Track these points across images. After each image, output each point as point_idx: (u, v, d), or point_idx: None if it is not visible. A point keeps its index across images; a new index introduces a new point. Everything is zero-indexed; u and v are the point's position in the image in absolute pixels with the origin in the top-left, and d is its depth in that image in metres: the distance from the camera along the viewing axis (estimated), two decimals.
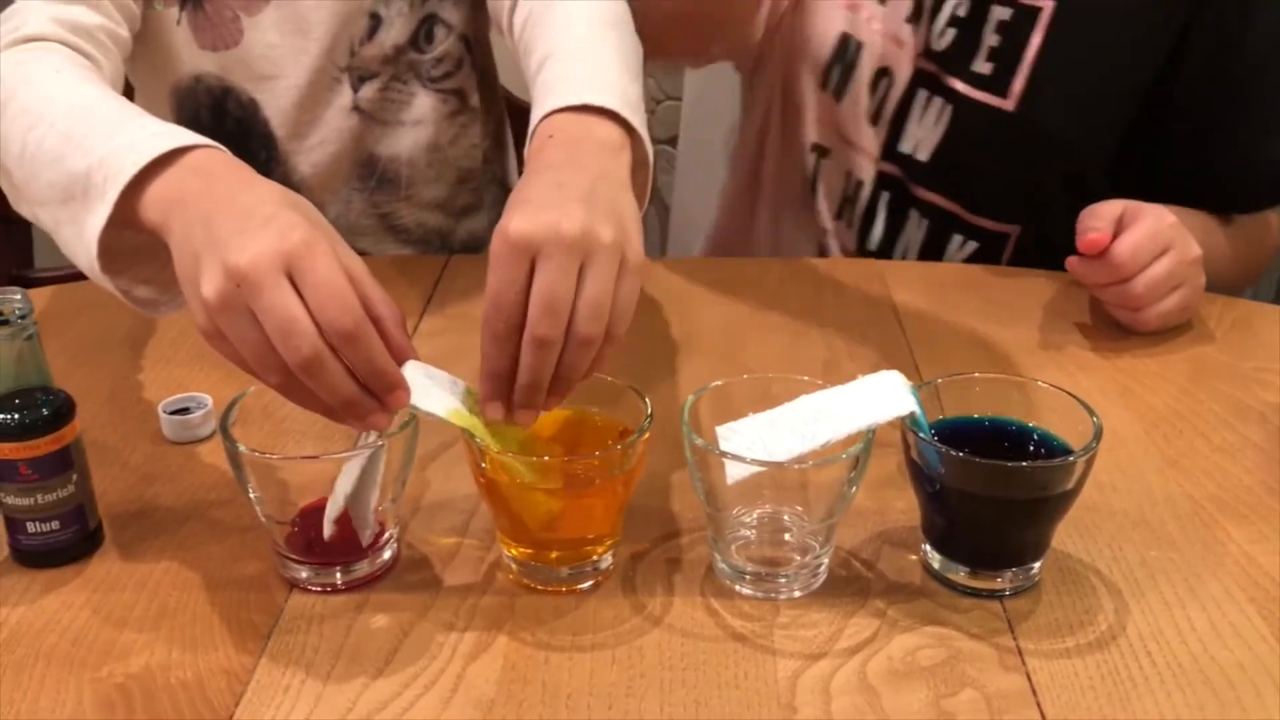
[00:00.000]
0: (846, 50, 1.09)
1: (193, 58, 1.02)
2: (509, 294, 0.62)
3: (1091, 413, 0.66)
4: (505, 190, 1.21)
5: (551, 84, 0.76)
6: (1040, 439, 0.68)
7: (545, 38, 0.82)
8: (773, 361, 0.92)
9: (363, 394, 0.61)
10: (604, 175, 0.68)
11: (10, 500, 0.67)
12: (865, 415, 0.65)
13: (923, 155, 1.09)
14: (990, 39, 1.04)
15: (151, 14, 0.98)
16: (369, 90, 1.05)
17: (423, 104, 1.08)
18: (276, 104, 1.04)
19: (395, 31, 1.04)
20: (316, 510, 0.66)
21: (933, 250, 1.12)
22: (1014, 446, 0.68)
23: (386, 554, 0.69)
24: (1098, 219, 0.95)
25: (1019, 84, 1.03)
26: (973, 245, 1.10)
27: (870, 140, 1.11)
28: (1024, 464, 0.65)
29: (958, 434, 0.67)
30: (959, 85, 1.05)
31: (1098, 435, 0.64)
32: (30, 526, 0.67)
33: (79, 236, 0.68)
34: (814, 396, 0.67)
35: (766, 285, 1.05)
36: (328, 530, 0.64)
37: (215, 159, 0.67)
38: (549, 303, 0.61)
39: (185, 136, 0.67)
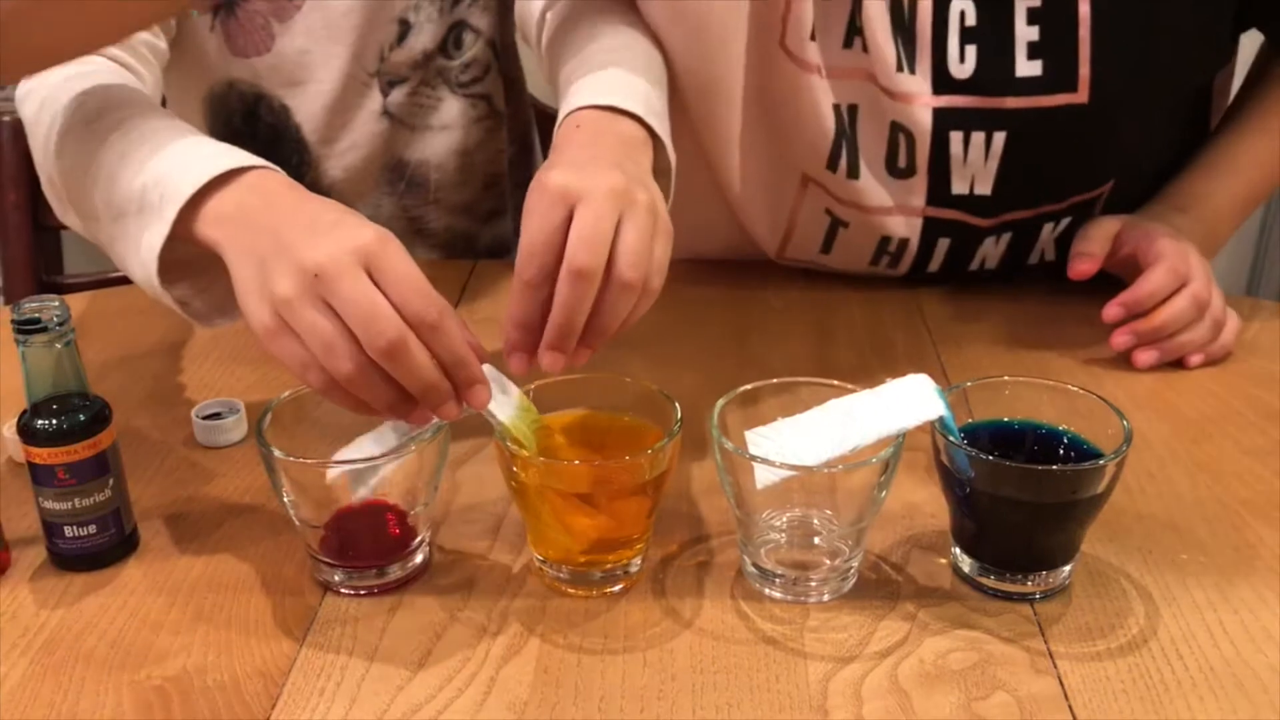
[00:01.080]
0: (842, 122, 0.93)
1: (225, 64, 1.03)
2: (545, 238, 0.62)
3: (1121, 416, 0.66)
4: None
5: (579, 88, 0.78)
6: (1070, 442, 0.68)
7: (574, 49, 0.84)
8: (800, 366, 0.92)
9: (443, 380, 0.61)
10: (629, 158, 0.69)
11: (48, 505, 0.68)
12: (894, 419, 0.65)
13: (984, 189, 0.94)
14: (1026, 34, 0.87)
15: (185, 22, 1.00)
16: (398, 95, 1.06)
17: (451, 109, 1.09)
18: (308, 109, 1.05)
19: (425, 37, 1.05)
20: (350, 515, 0.66)
21: (1021, 250, 1.02)
22: (1043, 450, 0.68)
23: (419, 557, 0.69)
24: (1089, 242, 0.94)
25: (1084, 69, 0.88)
26: (1065, 221, 0.99)
27: (906, 196, 0.96)
28: (1055, 467, 0.65)
29: (987, 437, 0.67)
30: (1009, 102, 0.89)
31: (1128, 438, 0.64)
32: (68, 531, 0.68)
33: (135, 252, 0.69)
34: (842, 401, 0.67)
35: (794, 289, 1.05)
36: (357, 494, 0.64)
37: (271, 179, 0.68)
38: (589, 238, 0.61)
39: (241, 157, 0.68)
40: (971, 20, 0.88)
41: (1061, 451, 0.68)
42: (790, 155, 0.97)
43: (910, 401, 0.66)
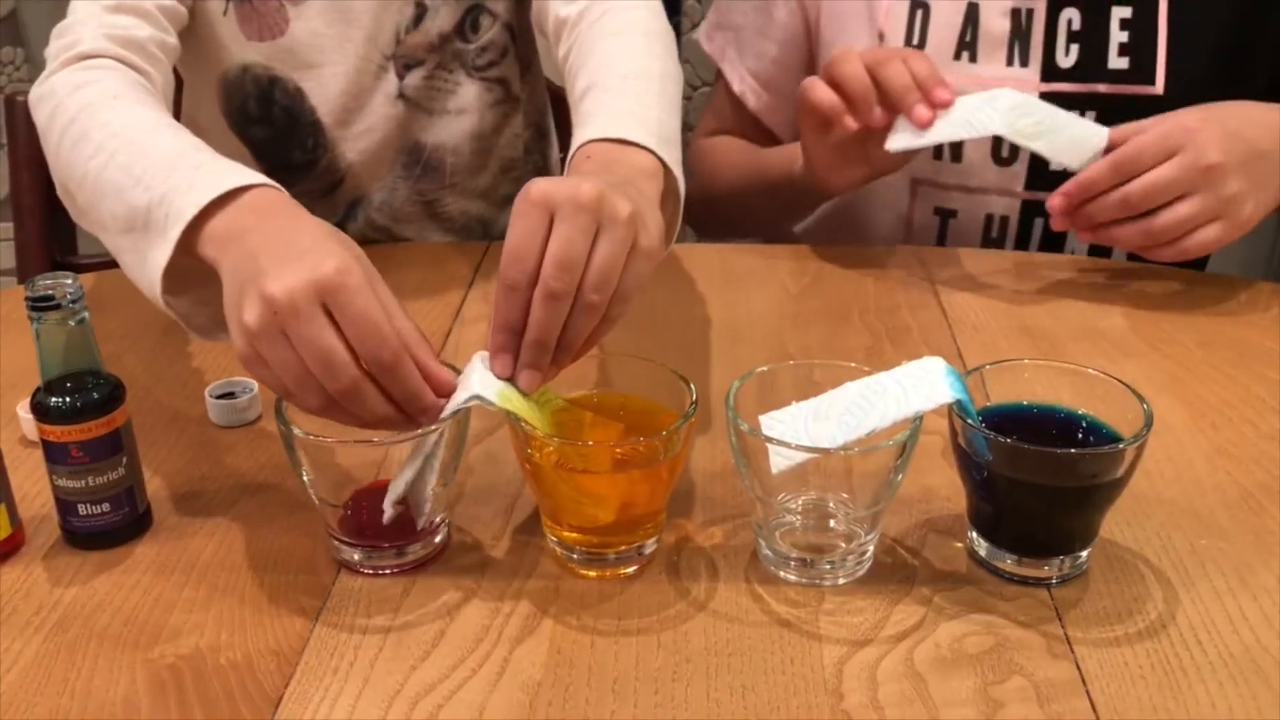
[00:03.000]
0: None
1: (240, 48, 1.03)
2: (526, 246, 0.64)
3: (1141, 400, 0.65)
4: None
5: (592, 114, 0.80)
6: (1089, 426, 0.67)
7: (590, 66, 0.86)
8: (816, 348, 0.91)
9: (397, 413, 0.64)
10: (633, 182, 0.71)
11: (62, 483, 0.68)
12: (911, 403, 0.64)
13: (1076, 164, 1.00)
14: (1118, 36, 1.05)
15: (199, 7, 0.99)
16: (414, 78, 1.06)
17: (468, 93, 1.08)
18: (323, 92, 1.05)
19: (441, 20, 1.04)
20: (370, 493, 0.66)
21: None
22: (1062, 433, 0.67)
23: (438, 538, 0.69)
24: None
25: (1160, 68, 1.04)
26: None
27: (1005, 179, 1.09)
28: (1074, 451, 0.65)
29: (1005, 420, 0.66)
30: (1100, 88, 1.05)
31: (1148, 423, 0.63)
32: (81, 509, 0.68)
33: (141, 266, 0.72)
34: (858, 384, 0.66)
35: (808, 271, 1.04)
36: (388, 514, 0.65)
37: (271, 197, 0.70)
38: (562, 258, 0.63)
39: (243, 176, 0.70)
40: (1076, 25, 1.06)
41: (1080, 435, 0.67)
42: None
43: (927, 384, 0.65)
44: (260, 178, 0.70)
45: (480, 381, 0.65)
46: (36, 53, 2.30)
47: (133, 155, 0.74)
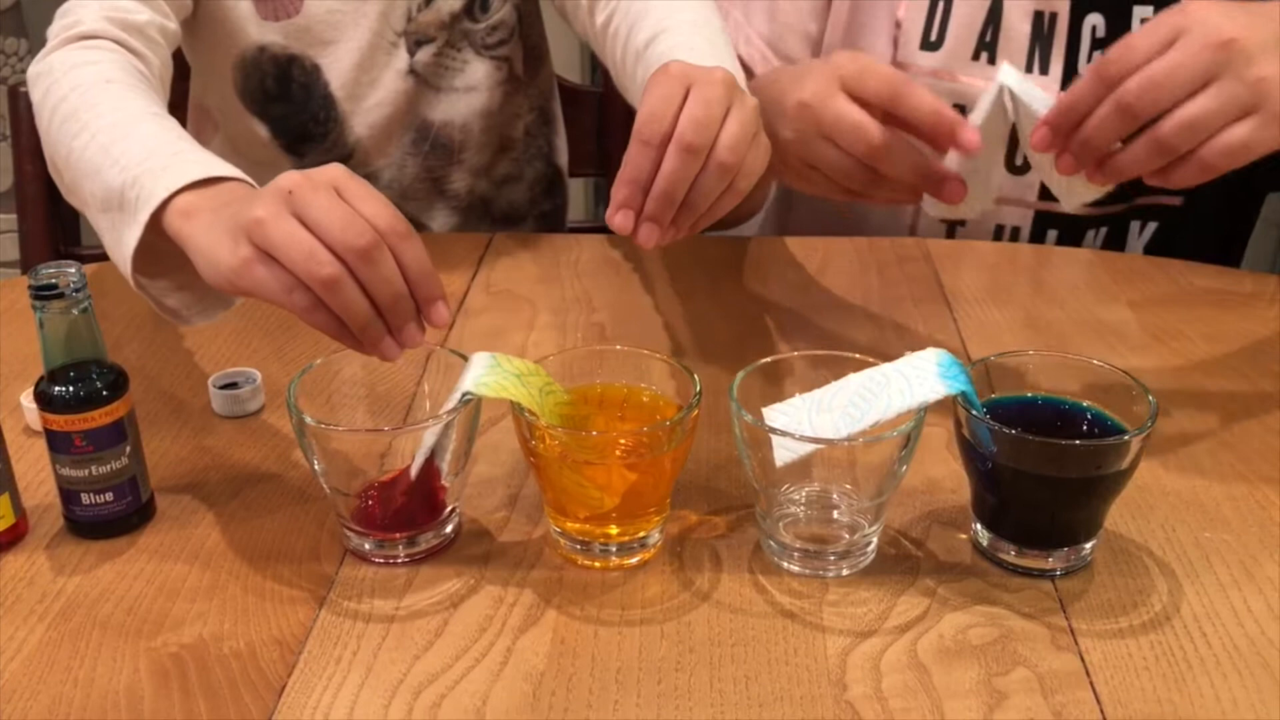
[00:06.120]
0: None
1: (257, 29, 1.04)
2: (664, 109, 0.66)
3: (1147, 391, 0.65)
4: (550, 166, 1.22)
5: (670, 53, 0.81)
6: (1094, 418, 0.67)
7: (651, 18, 0.87)
8: (820, 339, 0.91)
9: (409, 295, 0.64)
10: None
11: (65, 472, 0.68)
12: (915, 394, 0.64)
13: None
14: None
15: None
16: (424, 55, 1.07)
17: (476, 71, 1.10)
18: (338, 67, 1.06)
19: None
20: (382, 485, 0.66)
21: (1115, 249, 1.08)
22: (1066, 425, 0.67)
23: (449, 528, 0.69)
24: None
25: None
26: (1152, 226, 1.07)
27: (1019, 189, 1.06)
28: (1078, 442, 0.65)
29: (1009, 412, 0.66)
30: None
31: (1154, 414, 0.63)
32: (85, 498, 0.68)
33: (117, 245, 0.73)
34: (862, 375, 0.66)
35: (812, 263, 1.04)
36: (416, 465, 0.65)
37: (243, 190, 0.70)
38: (700, 118, 0.66)
39: (218, 167, 0.71)
40: (1101, 32, 1.01)
41: (1085, 428, 0.67)
42: None
43: (931, 376, 0.65)
44: (234, 171, 0.71)
45: (472, 378, 0.64)
46: (39, 44, 2.29)
47: (114, 137, 0.75)
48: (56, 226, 1.21)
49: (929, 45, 1.05)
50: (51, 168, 0.82)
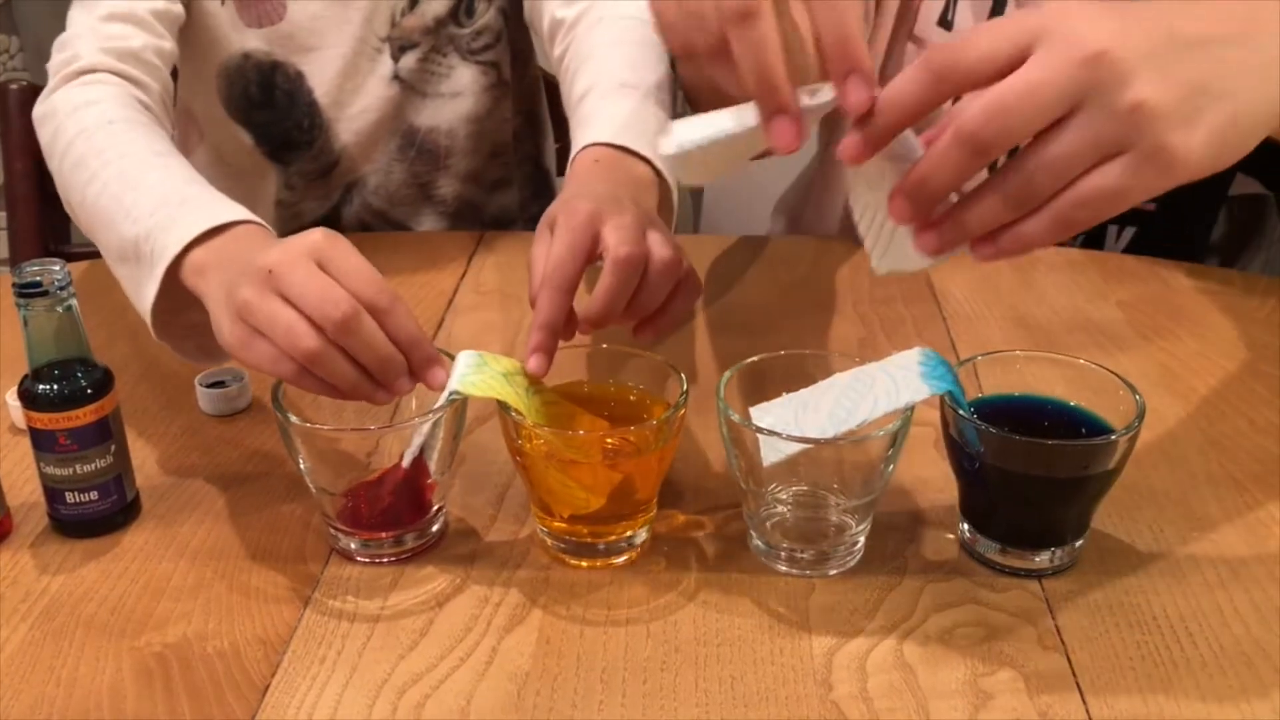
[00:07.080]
0: None
1: (240, 37, 1.04)
2: (576, 250, 0.67)
3: (1134, 391, 0.65)
4: (539, 170, 1.22)
5: (592, 118, 0.83)
6: (1081, 418, 0.67)
7: (589, 70, 0.88)
8: (808, 338, 0.91)
9: (398, 354, 0.64)
10: (635, 195, 0.74)
11: (49, 470, 0.67)
12: (902, 393, 0.64)
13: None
14: None
15: (195, 5, 1.01)
16: (409, 60, 1.06)
17: (462, 76, 1.09)
18: (322, 74, 1.06)
19: (437, 4, 1.06)
20: (368, 484, 0.66)
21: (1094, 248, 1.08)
22: (1054, 425, 0.67)
23: (435, 527, 0.69)
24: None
25: None
26: (1130, 232, 1.07)
27: None
28: (1065, 442, 0.65)
29: (997, 412, 0.66)
30: None
31: (1141, 414, 0.63)
32: (69, 497, 0.68)
33: (136, 297, 0.74)
34: (849, 374, 0.66)
35: (802, 262, 1.04)
36: (407, 459, 0.65)
37: (253, 231, 0.72)
38: (629, 238, 0.67)
39: (226, 212, 0.72)
40: None
41: (1072, 427, 0.67)
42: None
43: (918, 375, 0.65)
44: (244, 213, 0.72)
45: (458, 377, 0.64)
46: (31, 41, 2.29)
47: (124, 186, 0.77)
48: (46, 224, 1.21)
49: (945, 23, 1.04)
50: (66, 206, 0.83)
